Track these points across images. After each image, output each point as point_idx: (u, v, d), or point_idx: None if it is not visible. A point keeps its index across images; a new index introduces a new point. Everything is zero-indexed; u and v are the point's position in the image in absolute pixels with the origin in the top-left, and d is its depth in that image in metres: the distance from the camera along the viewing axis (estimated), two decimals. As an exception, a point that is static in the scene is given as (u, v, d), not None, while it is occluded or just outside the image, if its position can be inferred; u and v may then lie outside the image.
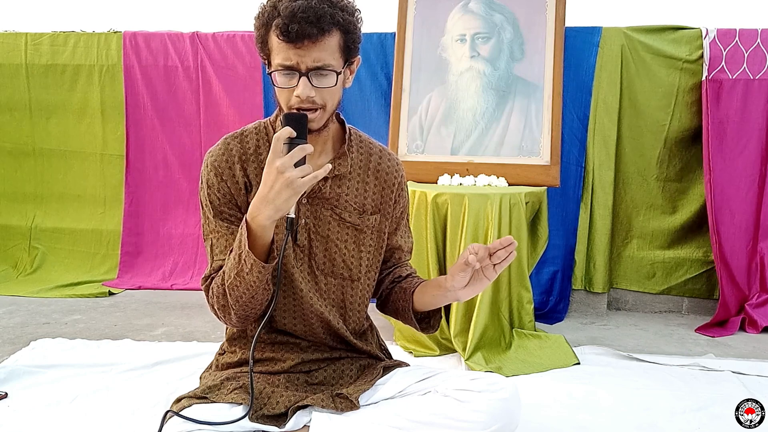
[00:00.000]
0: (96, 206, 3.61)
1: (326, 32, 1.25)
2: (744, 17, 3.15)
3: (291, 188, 1.18)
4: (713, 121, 2.94)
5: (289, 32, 1.23)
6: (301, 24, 1.22)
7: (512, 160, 2.84)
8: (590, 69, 3.03)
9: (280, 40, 1.25)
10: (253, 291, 1.28)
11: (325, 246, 1.42)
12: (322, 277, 1.43)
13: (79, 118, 3.55)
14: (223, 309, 1.34)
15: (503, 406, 1.33)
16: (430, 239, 2.46)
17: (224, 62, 3.40)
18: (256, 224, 1.23)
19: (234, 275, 1.27)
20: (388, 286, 1.53)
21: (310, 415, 1.35)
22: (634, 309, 3.18)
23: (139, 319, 2.88)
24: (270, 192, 1.19)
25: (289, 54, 1.26)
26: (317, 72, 1.27)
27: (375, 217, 1.47)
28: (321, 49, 1.26)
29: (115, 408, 1.88)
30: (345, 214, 1.43)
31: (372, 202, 1.46)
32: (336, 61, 1.29)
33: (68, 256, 3.60)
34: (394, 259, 1.54)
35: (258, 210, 1.22)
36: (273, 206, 1.20)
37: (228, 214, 1.39)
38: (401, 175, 1.53)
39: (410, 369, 1.51)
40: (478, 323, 2.37)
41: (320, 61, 1.26)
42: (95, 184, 3.59)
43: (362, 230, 1.45)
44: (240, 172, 1.39)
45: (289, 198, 1.19)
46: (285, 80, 1.29)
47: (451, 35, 2.98)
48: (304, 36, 1.23)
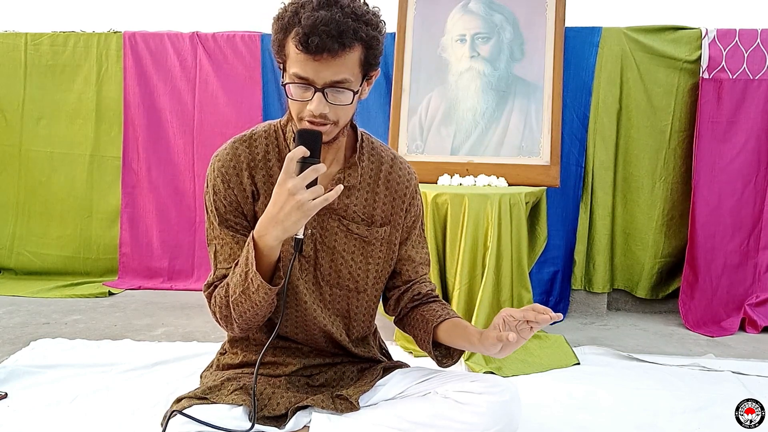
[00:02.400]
0: (82, 208, 3.54)
1: (347, 48, 1.19)
2: (744, 17, 3.14)
3: (301, 211, 1.16)
4: (712, 121, 2.95)
5: (309, 45, 1.16)
6: (322, 37, 1.16)
7: (512, 160, 2.84)
8: (590, 69, 3.03)
9: (299, 50, 1.18)
10: (257, 308, 1.27)
11: (331, 257, 1.39)
12: (327, 288, 1.41)
13: (71, 120, 3.51)
14: (226, 319, 1.33)
15: (503, 407, 1.33)
16: (430, 239, 2.46)
17: (224, 62, 3.39)
18: (263, 243, 1.21)
19: (240, 292, 1.25)
20: (407, 305, 1.47)
21: (310, 416, 1.35)
22: (634, 309, 3.18)
23: (139, 319, 2.88)
24: (280, 213, 1.17)
25: (306, 66, 1.19)
26: (333, 89, 1.22)
27: (384, 229, 1.42)
28: (340, 65, 1.20)
29: (115, 408, 1.88)
30: (352, 226, 1.39)
31: (381, 213, 1.42)
32: (354, 78, 1.23)
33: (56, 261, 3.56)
34: (410, 272, 1.47)
35: (266, 230, 1.20)
36: (282, 227, 1.18)
37: (233, 222, 1.35)
38: (414, 183, 1.48)
39: (410, 370, 1.50)
40: (478, 324, 2.37)
41: (338, 76, 1.20)
42: (83, 186, 3.53)
43: (370, 242, 1.41)
44: (248, 180, 1.35)
45: (299, 220, 1.17)
46: (299, 93, 1.23)
47: (451, 35, 2.98)
48: (323, 50, 1.17)
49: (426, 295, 1.48)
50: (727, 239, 3.01)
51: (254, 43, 3.36)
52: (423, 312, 1.44)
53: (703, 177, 2.97)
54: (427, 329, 1.40)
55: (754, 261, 3.02)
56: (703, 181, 2.97)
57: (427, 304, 1.46)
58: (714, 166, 2.98)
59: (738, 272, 3.02)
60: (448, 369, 1.45)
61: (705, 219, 2.98)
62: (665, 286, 3.13)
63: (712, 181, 2.98)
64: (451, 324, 1.37)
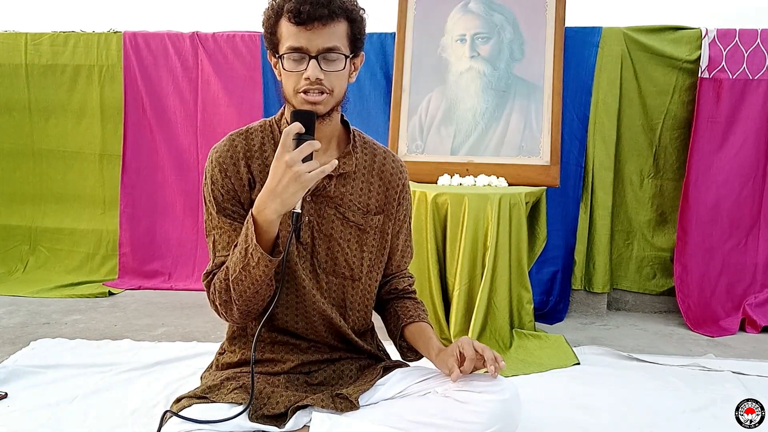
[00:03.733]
0: (95, 207, 3.60)
1: (336, 16, 1.29)
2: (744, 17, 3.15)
3: (299, 182, 1.20)
4: (711, 120, 2.95)
5: (300, 13, 1.26)
6: (313, 5, 1.26)
7: (512, 160, 2.84)
8: (590, 69, 3.03)
9: (291, 22, 1.29)
10: (257, 285, 1.28)
11: (328, 245, 1.43)
12: (324, 275, 1.44)
13: (78, 119, 3.54)
14: (225, 304, 1.35)
15: (503, 406, 1.33)
16: (430, 239, 2.47)
17: (224, 62, 3.39)
18: (263, 218, 1.24)
19: (240, 269, 1.28)
20: (383, 297, 1.58)
21: (309, 415, 1.35)
22: (634, 309, 3.18)
23: (139, 319, 2.88)
24: (278, 186, 1.21)
25: (299, 37, 1.29)
26: (326, 56, 1.30)
27: (378, 218, 1.48)
28: (330, 33, 1.29)
29: (115, 408, 1.88)
30: (349, 214, 1.44)
31: (376, 203, 1.47)
32: (344, 48, 1.32)
33: (68, 257, 3.60)
34: (392, 266, 1.56)
35: (265, 204, 1.23)
36: (280, 200, 1.21)
37: (231, 210, 1.39)
38: (405, 177, 1.54)
39: (410, 369, 1.51)
40: (477, 323, 2.37)
41: (329, 43, 1.29)
42: (94, 185, 3.59)
43: (365, 230, 1.46)
44: (244, 168, 1.40)
45: (296, 192, 1.21)
46: (294, 64, 1.31)
47: (451, 35, 2.98)
48: (314, 17, 1.27)
49: (403, 291, 1.58)
50: (725, 238, 3.01)
51: (254, 43, 3.36)
52: (396, 307, 1.56)
53: (701, 176, 2.97)
54: (397, 325, 1.53)
55: (753, 260, 3.01)
56: (700, 180, 2.97)
57: (401, 300, 1.57)
58: (712, 165, 2.98)
59: (737, 272, 3.02)
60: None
61: (702, 218, 2.98)
62: (665, 285, 3.13)
63: (710, 179, 2.98)
64: (418, 328, 1.50)
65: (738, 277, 3.02)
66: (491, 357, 1.31)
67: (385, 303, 1.59)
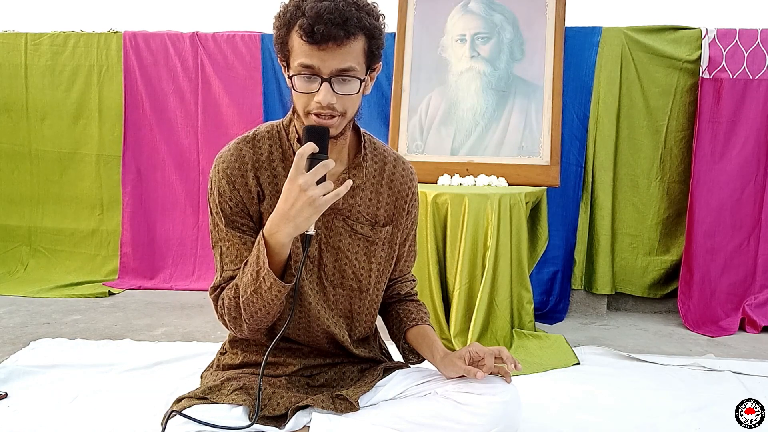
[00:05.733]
0: (93, 208, 3.59)
1: (352, 35, 1.20)
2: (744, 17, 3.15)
3: (313, 207, 1.16)
4: (712, 121, 2.95)
5: (314, 33, 1.17)
6: (327, 25, 1.16)
7: (512, 160, 2.84)
8: (590, 69, 3.03)
9: (304, 41, 1.19)
10: (269, 308, 1.27)
11: (336, 257, 1.40)
12: (331, 288, 1.41)
13: (75, 119, 3.53)
14: (235, 321, 1.33)
15: (503, 408, 1.33)
16: (430, 239, 2.47)
17: (224, 62, 3.40)
18: (275, 241, 1.21)
19: (251, 292, 1.25)
20: (385, 300, 1.56)
21: (309, 416, 1.35)
22: (634, 309, 3.18)
23: (139, 319, 2.88)
24: (291, 209, 1.16)
25: (311, 57, 1.20)
26: (340, 78, 1.22)
27: (387, 229, 1.44)
28: (345, 53, 1.20)
29: (115, 408, 1.88)
30: (357, 226, 1.40)
31: (385, 213, 1.43)
32: (360, 67, 1.24)
33: (69, 258, 3.60)
34: (396, 271, 1.53)
35: (277, 227, 1.19)
36: (293, 224, 1.18)
37: (240, 223, 1.34)
38: (414, 185, 1.49)
39: (411, 371, 1.50)
40: (477, 323, 2.37)
41: (344, 64, 1.21)
42: (91, 186, 3.58)
43: (374, 242, 1.42)
44: (253, 180, 1.34)
45: (311, 216, 1.17)
46: (305, 85, 1.23)
47: (451, 35, 2.98)
48: (329, 38, 1.17)
49: (406, 295, 1.57)
50: (726, 239, 3.01)
51: (254, 43, 3.36)
52: (398, 310, 1.55)
53: (703, 177, 2.97)
54: (400, 328, 1.52)
55: (754, 261, 3.02)
56: (702, 181, 2.97)
57: (403, 302, 1.57)
58: (713, 166, 2.98)
59: (737, 272, 3.03)
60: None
61: (704, 219, 2.98)
62: (665, 286, 3.13)
63: (712, 180, 2.98)
64: (421, 332, 1.48)
65: (738, 278, 3.02)
66: (509, 356, 1.31)
67: (388, 306, 1.57)
